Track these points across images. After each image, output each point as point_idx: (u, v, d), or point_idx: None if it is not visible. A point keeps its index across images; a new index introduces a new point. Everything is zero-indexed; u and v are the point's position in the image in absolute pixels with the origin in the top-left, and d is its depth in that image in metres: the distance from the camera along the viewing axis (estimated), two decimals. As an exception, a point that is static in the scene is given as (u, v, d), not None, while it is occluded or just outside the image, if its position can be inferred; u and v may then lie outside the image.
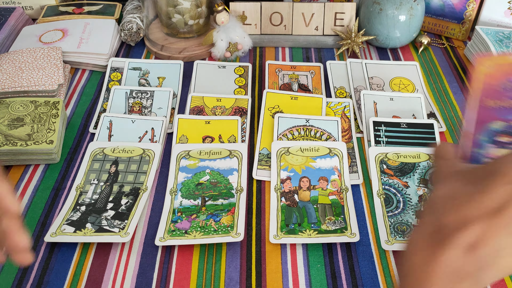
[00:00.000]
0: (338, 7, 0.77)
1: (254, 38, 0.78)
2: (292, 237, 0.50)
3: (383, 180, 0.56)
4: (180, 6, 0.73)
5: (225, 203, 0.53)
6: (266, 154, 0.59)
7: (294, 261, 0.49)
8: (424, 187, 0.55)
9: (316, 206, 0.53)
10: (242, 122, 0.63)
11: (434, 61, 0.77)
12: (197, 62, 0.73)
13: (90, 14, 0.82)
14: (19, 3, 0.84)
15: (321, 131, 0.61)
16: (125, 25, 0.77)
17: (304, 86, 0.70)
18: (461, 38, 0.81)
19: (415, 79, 0.71)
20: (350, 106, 0.66)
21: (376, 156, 0.58)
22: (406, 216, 0.52)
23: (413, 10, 0.73)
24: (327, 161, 0.57)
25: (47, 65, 0.67)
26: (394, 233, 0.50)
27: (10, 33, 0.78)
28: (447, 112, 0.67)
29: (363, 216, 0.53)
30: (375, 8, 0.74)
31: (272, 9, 0.77)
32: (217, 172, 0.56)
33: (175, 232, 0.50)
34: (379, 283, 0.47)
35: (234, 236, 0.50)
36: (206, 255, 0.49)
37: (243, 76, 0.72)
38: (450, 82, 0.72)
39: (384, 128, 0.61)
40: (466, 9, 0.79)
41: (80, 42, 0.74)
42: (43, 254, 0.49)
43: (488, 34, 0.73)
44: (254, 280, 0.47)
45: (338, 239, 0.50)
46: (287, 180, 0.55)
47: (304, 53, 0.78)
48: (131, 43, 0.78)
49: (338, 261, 0.49)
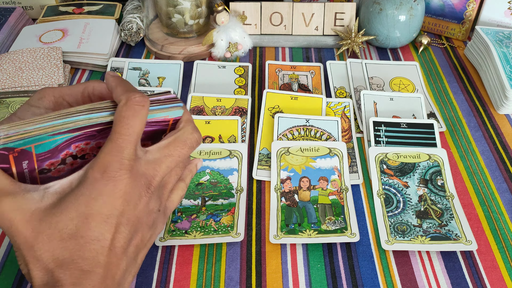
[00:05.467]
0: (338, 7, 0.77)
1: (254, 38, 0.78)
2: (292, 237, 0.50)
3: (383, 180, 0.56)
4: (180, 6, 0.73)
5: (225, 203, 0.53)
6: (266, 154, 0.59)
7: (294, 261, 0.49)
8: (424, 187, 0.55)
9: (316, 206, 0.53)
10: (242, 122, 0.63)
11: (434, 61, 0.77)
12: (197, 62, 0.73)
13: (90, 14, 0.82)
14: (19, 3, 0.84)
15: (321, 131, 0.61)
16: (125, 25, 0.77)
17: (304, 86, 0.70)
18: (461, 38, 0.81)
19: (415, 79, 0.71)
20: (350, 106, 0.66)
21: (376, 156, 0.58)
22: (406, 216, 0.52)
23: (413, 10, 0.73)
24: (327, 161, 0.57)
25: (47, 65, 0.67)
26: (394, 233, 0.50)
27: (10, 33, 0.78)
28: (447, 112, 0.67)
29: (363, 216, 0.53)
30: (375, 8, 0.74)
31: (272, 9, 0.77)
32: (217, 172, 0.56)
33: (175, 232, 0.50)
34: (379, 283, 0.47)
35: (234, 236, 0.50)
36: (206, 255, 0.49)
37: (243, 76, 0.72)
38: (450, 82, 0.72)
39: (384, 128, 0.61)
40: (466, 9, 0.79)
41: (80, 42, 0.74)
42: (43, 254, 0.49)
43: (488, 34, 0.73)
44: (254, 280, 0.47)
45: (338, 239, 0.50)
46: (287, 180, 0.55)
47: (304, 53, 0.78)
48: (131, 43, 0.78)
49: (338, 261, 0.49)
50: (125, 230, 0.33)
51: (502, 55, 0.68)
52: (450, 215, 0.52)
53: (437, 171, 0.56)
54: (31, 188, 0.32)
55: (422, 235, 0.50)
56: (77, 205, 0.31)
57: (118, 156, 0.32)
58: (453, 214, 0.52)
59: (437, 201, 0.54)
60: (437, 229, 0.51)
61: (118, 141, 0.33)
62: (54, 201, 0.32)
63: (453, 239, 0.50)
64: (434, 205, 0.53)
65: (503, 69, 0.66)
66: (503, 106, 0.66)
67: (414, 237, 0.50)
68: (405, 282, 0.47)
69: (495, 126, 0.65)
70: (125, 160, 0.33)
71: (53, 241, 0.31)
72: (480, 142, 0.62)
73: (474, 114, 0.67)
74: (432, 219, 0.52)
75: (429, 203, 0.53)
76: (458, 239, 0.50)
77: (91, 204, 0.31)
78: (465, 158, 0.60)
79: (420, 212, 0.53)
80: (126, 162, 0.33)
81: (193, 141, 0.39)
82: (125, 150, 0.33)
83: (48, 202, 0.32)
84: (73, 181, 0.33)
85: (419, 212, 0.52)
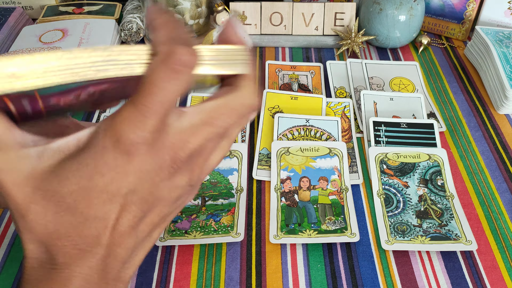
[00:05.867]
0: (338, 7, 0.77)
1: (254, 38, 0.78)
2: (292, 237, 0.50)
3: (383, 180, 0.56)
4: (180, 6, 0.73)
5: (225, 203, 0.53)
6: (266, 154, 0.59)
7: (294, 261, 0.49)
8: (424, 187, 0.55)
9: (316, 206, 0.53)
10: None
11: (434, 61, 0.77)
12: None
13: (90, 14, 0.82)
14: (19, 3, 0.84)
15: (321, 131, 0.61)
16: (125, 25, 0.77)
17: (304, 86, 0.70)
18: (461, 38, 0.81)
19: (415, 79, 0.71)
20: (350, 106, 0.66)
21: (376, 156, 0.58)
22: (406, 216, 0.52)
23: (413, 10, 0.73)
24: (327, 161, 0.57)
25: (47, 65, 0.67)
26: (394, 233, 0.50)
27: (10, 33, 0.78)
28: (447, 112, 0.67)
29: (363, 216, 0.53)
30: (375, 8, 0.74)
31: (272, 9, 0.77)
32: (217, 172, 0.56)
33: (175, 232, 0.50)
34: (379, 283, 0.47)
35: (234, 236, 0.50)
36: (206, 255, 0.49)
37: (243, 76, 0.72)
38: (450, 82, 0.72)
39: (384, 128, 0.61)
40: (466, 9, 0.79)
41: (80, 42, 0.74)
42: (43, 254, 0.49)
43: (488, 34, 0.73)
44: (254, 280, 0.47)
45: (338, 239, 0.50)
46: (287, 180, 0.55)
47: (304, 53, 0.78)
48: (131, 43, 0.78)
49: (338, 261, 0.49)
50: (136, 208, 0.27)
51: (502, 55, 0.68)
52: (450, 215, 0.52)
53: (437, 171, 0.56)
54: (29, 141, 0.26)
55: (422, 235, 0.50)
56: (78, 177, 0.25)
57: (137, 127, 0.25)
58: (453, 214, 0.52)
59: (437, 201, 0.54)
60: (437, 229, 0.51)
61: (141, 109, 0.25)
62: (54, 162, 0.26)
63: (453, 239, 0.50)
64: (434, 205, 0.53)
65: (503, 69, 0.66)
66: (503, 106, 0.66)
67: (414, 237, 0.50)
68: (405, 282, 0.47)
69: (495, 126, 0.64)
70: (145, 133, 0.25)
71: (47, 213, 0.26)
72: (480, 142, 0.62)
73: (474, 114, 0.67)
74: (432, 219, 0.52)
75: (429, 203, 0.53)
76: (458, 239, 0.50)
77: (96, 179, 0.26)
78: (465, 158, 0.60)
79: (420, 212, 0.53)
80: (147, 135, 0.25)
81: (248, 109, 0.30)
82: (148, 121, 0.25)
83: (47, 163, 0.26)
84: (81, 140, 0.26)
85: (419, 212, 0.52)
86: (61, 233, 0.26)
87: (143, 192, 0.27)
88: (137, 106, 0.25)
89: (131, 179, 0.26)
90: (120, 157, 0.25)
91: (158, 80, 0.25)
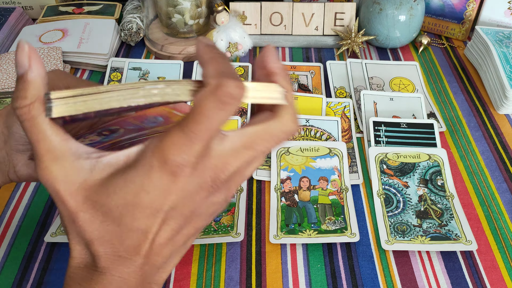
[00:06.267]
0: (338, 7, 0.77)
1: (254, 38, 0.78)
2: (292, 237, 0.50)
3: (383, 180, 0.56)
4: (180, 6, 0.73)
5: (225, 203, 0.53)
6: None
7: (294, 261, 0.49)
8: (424, 187, 0.55)
9: (316, 206, 0.53)
10: (242, 122, 0.63)
11: (434, 61, 0.77)
12: (197, 62, 0.73)
13: (90, 14, 0.82)
14: (19, 3, 0.84)
15: (321, 131, 0.61)
16: (125, 25, 0.77)
17: (304, 86, 0.70)
18: (461, 38, 0.81)
19: (415, 79, 0.71)
20: (350, 106, 0.66)
21: (376, 156, 0.58)
22: (406, 216, 0.52)
23: (413, 10, 0.73)
24: (327, 161, 0.57)
25: (47, 65, 0.67)
26: (394, 233, 0.50)
27: (10, 33, 0.78)
28: (447, 112, 0.67)
29: (363, 216, 0.53)
30: (375, 8, 0.74)
31: (272, 9, 0.77)
32: (217, 172, 0.56)
33: (175, 232, 0.50)
34: (379, 283, 0.47)
35: (234, 236, 0.50)
36: (206, 255, 0.49)
37: (243, 76, 0.72)
38: (450, 82, 0.72)
39: (384, 128, 0.61)
40: (466, 9, 0.79)
41: (80, 42, 0.74)
42: (43, 254, 0.49)
43: (488, 34, 0.73)
44: (254, 280, 0.47)
45: (338, 239, 0.50)
46: (287, 180, 0.55)
47: (304, 53, 0.78)
48: (131, 43, 0.78)
49: (338, 261, 0.49)
50: (175, 223, 0.30)
51: (502, 55, 0.68)
52: (450, 215, 0.52)
53: (437, 171, 0.56)
54: (83, 153, 0.29)
55: (422, 235, 0.50)
56: (125, 193, 0.28)
57: (184, 151, 0.27)
58: (453, 214, 0.52)
59: (437, 201, 0.54)
60: (437, 229, 0.51)
61: (189, 135, 0.27)
62: (104, 176, 0.28)
63: (453, 239, 0.50)
64: (434, 205, 0.53)
65: (503, 69, 0.66)
66: (503, 106, 0.66)
67: (414, 237, 0.50)
68: (405, 282, 0.47)
69: (495, 126, 0.65)
70: (191, 157, 0.27)
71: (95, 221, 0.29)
72: (480, 142, 0.62)
73: (474, 114, 0.67)
74: (432, 219, 0.52)
75: (429, 203, 0.53)
76: (458, 239, 0.50)
77: (141, 196, 0.28)
78: (465, 158, 0.60)
79: (420, 212, 0.53)
80: (192, 159, 0.27)
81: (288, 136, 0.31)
82: (194, 147, 0.27)
83: (98, 176, 0.28)
84: (130, 157, 0.29)
85: (419, 212, 0.52)
86: (105, 240, 0.29)
87: (183, 209, 0.29)
88: (185, 132, 0.27)
89: (174, 197, 0.28)
90: (165, 177, 0.28)
91: (207, 109, 0.27)
